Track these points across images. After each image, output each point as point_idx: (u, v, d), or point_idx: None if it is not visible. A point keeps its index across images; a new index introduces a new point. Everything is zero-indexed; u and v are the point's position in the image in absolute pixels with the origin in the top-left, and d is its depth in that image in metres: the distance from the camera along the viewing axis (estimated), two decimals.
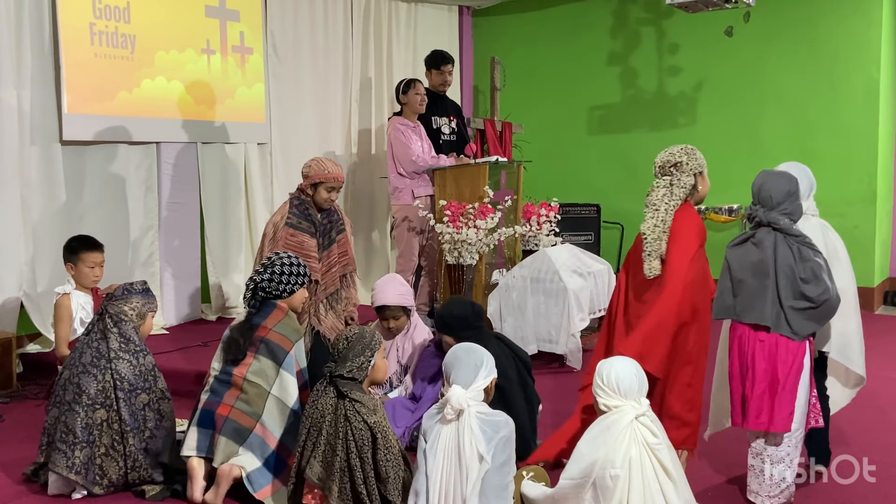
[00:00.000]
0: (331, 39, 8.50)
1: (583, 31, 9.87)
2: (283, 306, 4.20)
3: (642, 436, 3.32)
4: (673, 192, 4.15)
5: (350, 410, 3.57)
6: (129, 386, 4.12)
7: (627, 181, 9.60)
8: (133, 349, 4.20)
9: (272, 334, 4.08)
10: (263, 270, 4.21)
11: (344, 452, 3.55)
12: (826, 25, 8.70)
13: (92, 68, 6.29)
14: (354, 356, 3.68)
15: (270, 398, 4.01)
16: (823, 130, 8.73)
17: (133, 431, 4.10)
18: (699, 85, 9.33)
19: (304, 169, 5.09)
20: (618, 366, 3.45)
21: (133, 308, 4.27)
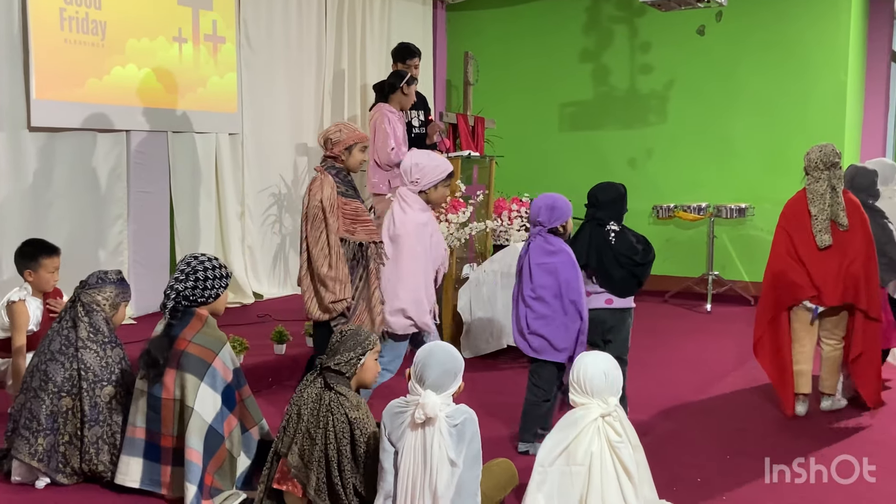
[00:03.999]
0: (304, 30, 8.47)
1: (556, 27, 9.90)
2: (201, 314, 4.00)
3: (606, 433, 3.39)
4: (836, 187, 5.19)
5: (334, 402, 3.55)
6: (93, 377, 4.09)
7: (598, 178, 9.48)
8: (101, 340, 4.17)
9: (192, 347, 3.91)
10: (185, 278, 3.98)
11: (322, 443, 3.53)
12: (796, 27, 8.80)
13: (61, 54, 6.21)
14: (345, 351, 3.64)
15: (193, 413, 3.84)
16: (792, 131, 8.83)
17: (91, 423, 4.05)
18: (670, 83, 9.40)
19: (332, 135, 4.77)
20: (590, 366, 3.49)
21: (106, 298, 4.24)
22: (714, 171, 9.12)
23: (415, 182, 4.89)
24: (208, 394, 3.88)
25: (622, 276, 4.76)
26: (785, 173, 8.69)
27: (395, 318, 4.80)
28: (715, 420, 5.33)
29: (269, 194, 8.20)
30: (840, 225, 5.12)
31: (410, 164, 4.92)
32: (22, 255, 4.83)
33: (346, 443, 3.52)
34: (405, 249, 4.79)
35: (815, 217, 5.15)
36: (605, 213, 4.87)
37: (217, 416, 3.89)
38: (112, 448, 4.08)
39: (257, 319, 7.03)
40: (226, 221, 7.80)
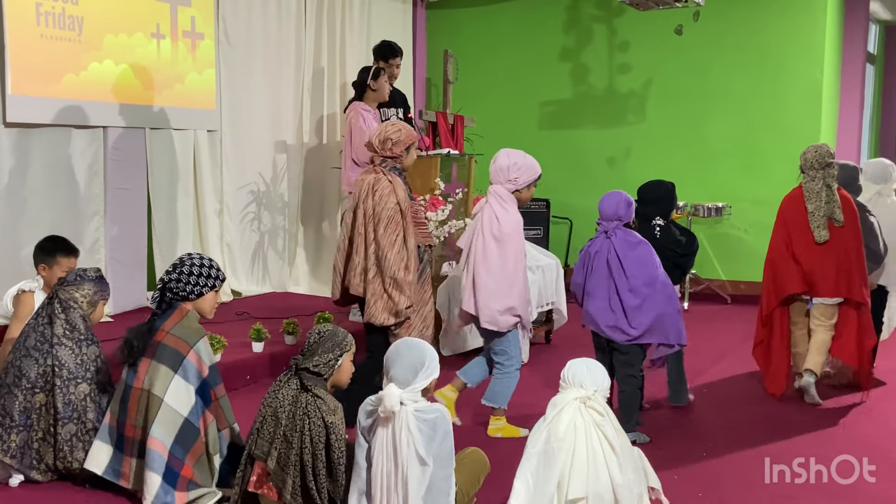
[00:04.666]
0: (284, 27, 8.44)
1: (535, 26, 9.93)
2: (184, 308, 3.99)
3: (589, 414, 3.46)
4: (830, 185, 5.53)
5: (311, 405, 3.51)
6: (67, 374, 4.07)
7: (577, 177, 9.70)
8: (77, 337, 4.15)
9: (168, 338, 3.90)
10: (172, 270, 4.01)
11: (298, 446, 3.50)
12: (773, 27, 8.87)
13: (37, 49, 6.16)
14: (323, 352, 3.60)
15: (163, 405, 3.82)
16: (767, 130, 8.91)
17: (65, 420, 4.03)
18: (649, 82, 9.45)
19: (393, 135, 4.73)
20: (575, 365, 3.61)
21: (84, 295, 4.22)
22: (691, 171, 9.17)
23: (512, 181, 4.90)
24: (181, 386, 3.86)
25: (667, 267, 5.02)
26: (761, 172, 8.78)
27: (504, 318, 4.80)
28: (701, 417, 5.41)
29: (247, 191, 8.18)
30: (836, 221, 5.47)
31: (509, 162, 4.91)
32: (41, 250, 4.84)
33: (321, 447, 3.50)
34: (512, 249, 4.81)
35: (812, 213, 5.50)
36: (651, 209, 5.34)
37: (193, 409, 3.87)
38: (86, 445, 4.05)
39: (235, 317, 7.00)
40: (204, 219, 7.76)
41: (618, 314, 4.80)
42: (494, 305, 4.77)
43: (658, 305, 4.79)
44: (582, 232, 9.40)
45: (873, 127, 12.31)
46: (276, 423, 3.54)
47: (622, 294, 4.78)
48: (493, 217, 4.82)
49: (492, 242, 4.79)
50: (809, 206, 5.52)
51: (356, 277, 4.65)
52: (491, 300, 4.78)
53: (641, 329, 4.77)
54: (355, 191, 4.82)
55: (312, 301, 7.92)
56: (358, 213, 4.69)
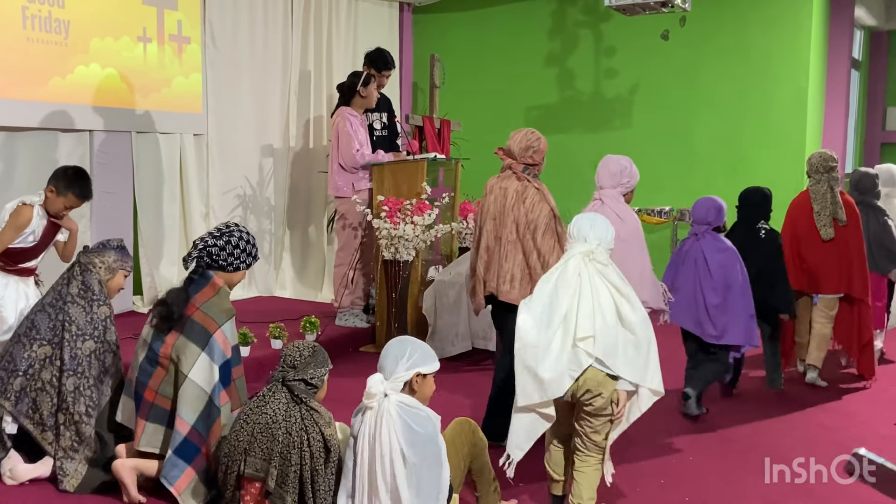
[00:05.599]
0: (270, 31, 8.44)
1: (522, 31, 9.95)
2: (217, 282, 3.97)
3: (593, 265, 3.71)
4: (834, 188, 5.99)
5: (308, 419, 3.49)
6: (77, 330, 4.16)
7: (563, 181, 9.68)
8: (90, 297, 4.23)
9: (198, 314, 3.90)
10: (220, 236, 3.96)
11: (298, 463, 3.47)
12: (758, 34, 8.92)
13: (24, 53, 6.15)
14: (317, 366, 3.58)
15: (187, 381, 3.84)
16: (753, 136, 8.95)
17: (70, 372, 4.12)
18: (635, 88, 9.48)
19: (534, 143, 4.80)
20: (581, 217, 3.90)
21: (103, 262, 4.30)
22: (677, 175, 9.21)
23: (624, 185, 5.15)
24: (206, 364, 3.86)
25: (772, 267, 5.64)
26: (746, 177, 8.78)
27: None
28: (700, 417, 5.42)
29: (233, 196, 8.16)
30: (840, 220, 5.94)
31: (620, 168, 5.18)
32: (63, 176, 4.76)
33: (321, 461, 3.48)
34: (637, 248, 5.02)
35: (818, 213, 5.97)
36: (755, 212, 5.81)
37: (215, 388, 3.86)
38: (88, 400, 4.14)
39: None
40: (190, 222, 7.75)
41: (700, 311, 5.29)
42: None
43: (736, 307, 5.24)
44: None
45: (858, 132, 12.39)
46: (272, 440, 3.47)
47: (705, 292, 5.27)
48: (618, 220, 4.92)
49: (626, 245, 4.88)
50: (815, 207, 5.97)
51: (506, 284, 4.64)
52: None
53: (720, 329, 5.25)
54: (492, 197, 4.78)
55: (298, 305, 7.91)
56: (507, 221, 4.66)
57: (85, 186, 4.80)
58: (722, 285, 5.25)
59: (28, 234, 4.74)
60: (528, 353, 3.63)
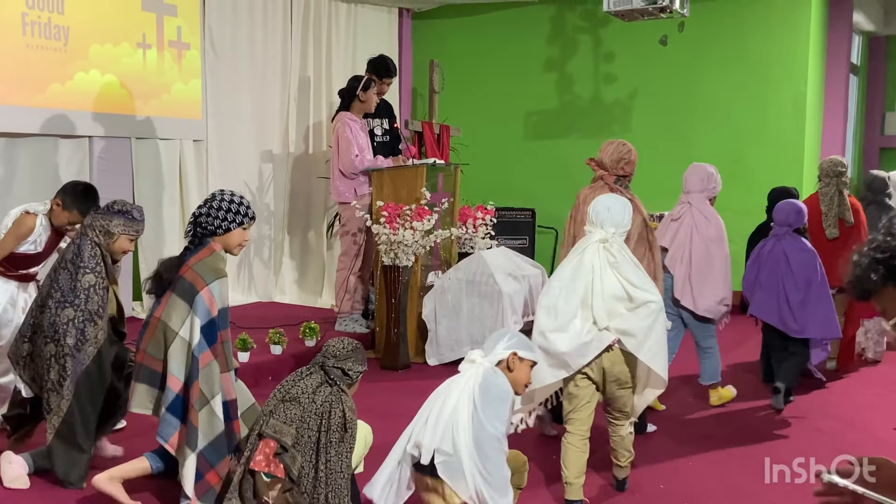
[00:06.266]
0: (270, 37, 8.45)
1: (521, 37, 9.97)
2: (213, 245, 3.98)
3: (604, 256, 4.01)
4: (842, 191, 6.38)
5: (335, 398, 3.61)
6: (60, 296, 4.17)
7: (562, 186, 9.70)
8: (78, 264, 4.20)
9: (188, 273, 3.91)
10: (204, 203, 4.01)
11: (317, 430, 3.58)
12: (757, 39, 8.94)
13: (23, 59, 6.16)
14: (356, 362, 3.71)
15: (177, 338, 3.86)
16: (753, 141, 8.96)
17: (46, 339, 4.16)
18: (633, 93, 9.50)
19: (626, 155, 4.92)
20: (598, 202, 4.15)
21: (103, 226, 4.26)
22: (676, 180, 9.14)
23: (710, 190, 5.62)
24: (188, 319, 3.87)
25: None
26: (746, 182, 8.82)
27: (720, 307, 5.50)
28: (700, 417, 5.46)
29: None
30: (846, 221, 6.32)
31: (707, 174, 5.63)
32: (72, 190, 4.74)
33: (337, 436, 3.58)
34: (722, 248, 5.50)
35: (826, 214, 6.35)
36: None
37: (197, 345, 3.85)
38: (60, 370, 4.13)
39: None
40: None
41: (782, 307, 5.62)
42: (715, 298, 5.46)
43: (816, 303, 5.59)
44: None
45: (857, 137, 12.40)
46: (297, 406, 3.61)
47: (788, 289, 5.61)
48: (704, 221, 5.48)
49: (711, 245, 5.47)
50: (823, 208, 6.36)
51: None
52: (712, 294, 5.46)
53: (801, 324, 5.59)
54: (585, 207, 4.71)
55: (298, 310, 7.91)
56: None
57: (92, 204, 4.76)
58: (803, 283, 5.59)
59: (30, 243, 4.73)
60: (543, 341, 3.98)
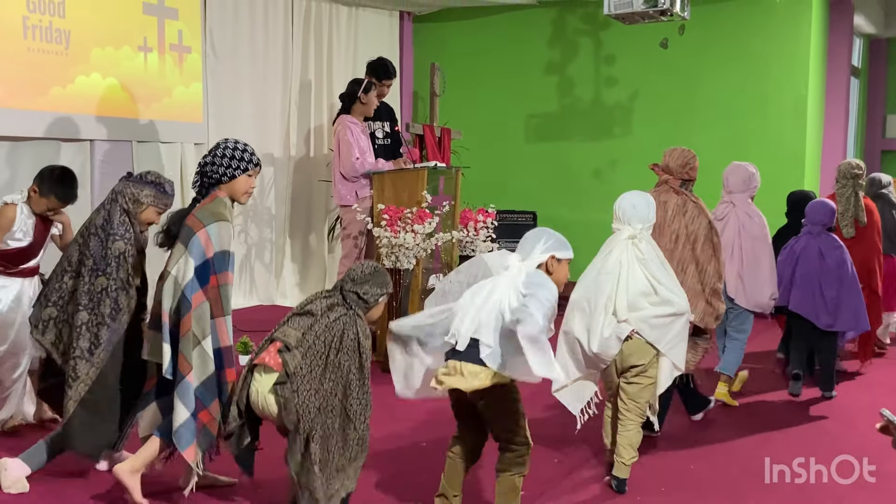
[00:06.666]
0: (271, 40, 8.46)
1: (522, 40, 9.97)
2: (217, 193, 3.99)
3: (633, 252, 4.21)
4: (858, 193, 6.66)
5: (350, 321, 3.66)
6: (93, 264, 4.14)
7: (563, 189, 9.73)
8: (108, 230, 4.17)
9: (190, 219, 3.92)
10: (208, 153, 4.01)
11: (325, 345, 3.63)
12: (758, 41, 8.94)
13: (24, 63, 6.17)
14: (374, 285, 3.77)
15: (169, 277, 3.87)
16: (754, 143, 8.95)
17: (80, 307, 4.10)
18: (634, 95, 9.50)
19: (691, 160, 5.27)
20: (624, 198, 4.38)
21: (133, 194, 4.24)
22: None
23: (752, 189, 5.89)
24: (182, 257, 3.86)
25: None
26: None
27: (769, 302, 5.69)
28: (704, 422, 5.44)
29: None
30: (860, 221, 6.62)
31: (749, 174, 5.90)
32: (49, 177, 4.70)
33: (348, 360, 3.62)
34: (768, 246, 5.69)
35: (842, 214, 6.62)
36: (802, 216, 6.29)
37: (188, 284, 3.83)
38: (92, 337, 4.09)
39: None
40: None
41: (817, 301, 5.90)
42: (766, 293, 5.65)
43: (847, 298, 5.90)
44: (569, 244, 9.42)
45: (858, 140, 12.39)
46: (311, 318, 3.68)
47: (823, 284, 5.91)
48: (749, 220, 5.68)
49: (757, 242, 5.65)
50: (839, 209, 6.59)
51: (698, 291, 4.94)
52: (763, 289, 5.65)
53: (834, 317, 5.90)
54: None
55: None
56: (666, 232, 4.96)
57: (68, 189, 4.72)
58: (837, 278, 5.90)
59: (17, 232, 4.69)
60: (572, 339, 4.20)
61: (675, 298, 4.19)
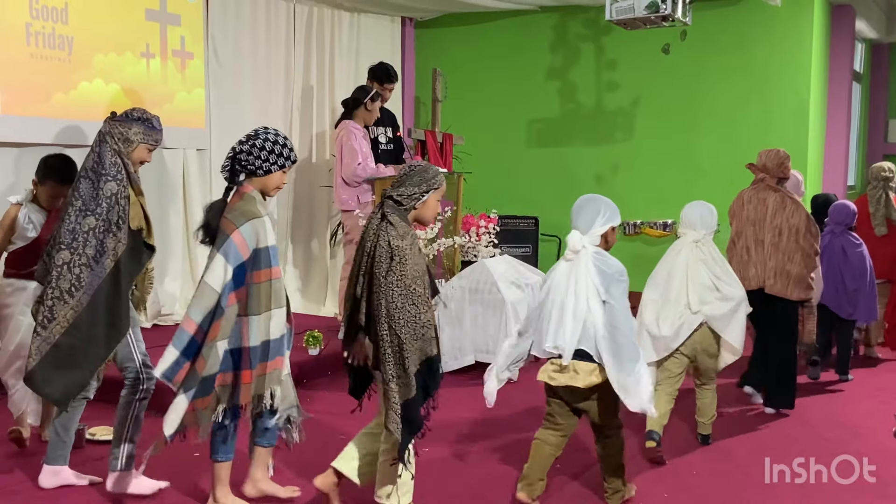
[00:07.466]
0: (273, 46, 8.47)
1: (524, 45, 9.98)
2: (244, 189, 3.86)
3: (697, 254, 4.94)
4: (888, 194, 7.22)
5: (382, 230, 3.66)
6: (81, 205, 4.02)
7: (565, 194, 9.64)
8: (99, 171, 4.06)
9: (223, 221, 3.80)
10: (247, 140, 3.87)
11: (357, 265, 3.70)
12: (759, 47, 8.95)
13: (27, 69, 6.18)
14: (411, 185, 3.75)
15: (202, 284, 3.74)
16: (755, 148, 8.82)
17: (62, 246, 3.99)
18: (636, 101, 9.50)
19: (784, 160, 5.75)
20: (689, 207, 5.10)
21: (122, 133, 4.14)
22: (679, 188, 9.21)
23: (801, 194, 6.44)
24: (220, 264, 3.73)
25: None
26: None
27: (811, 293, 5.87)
28: None
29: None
30: (893, 220, 7.14)
31: (798, 181, 6.41)
32: (43, 164, 4.68)
33: (383, 268, 3.61)
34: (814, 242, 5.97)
35: (874, 214, 7.19)
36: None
37: (225, 287, 3.72)
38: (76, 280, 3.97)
39: None
40: (193, 238, 7.74)
41: (840, 293, 6.55)
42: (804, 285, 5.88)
43: (866, 291, 6.61)
44: None
45: (860, 144, 12.41)
46: (361, 251, 3.72)
47: (846, 278, 6.55)
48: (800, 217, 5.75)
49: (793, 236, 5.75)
50: (871, 209, 7.19)
51: (770, 279, 5.62)
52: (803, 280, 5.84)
53: (854, 308, 6.60)
54: (751, 206, 5.74)
55: (302, 319, 7.89)
56: (768, 226, 5.66)
57: (63, 171, 4.63)
58: (859, 273, 6.57)
59: (24, 230, 4.62)
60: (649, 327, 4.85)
61: (734, 292, 4.94)
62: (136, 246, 4.11)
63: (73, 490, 4.20)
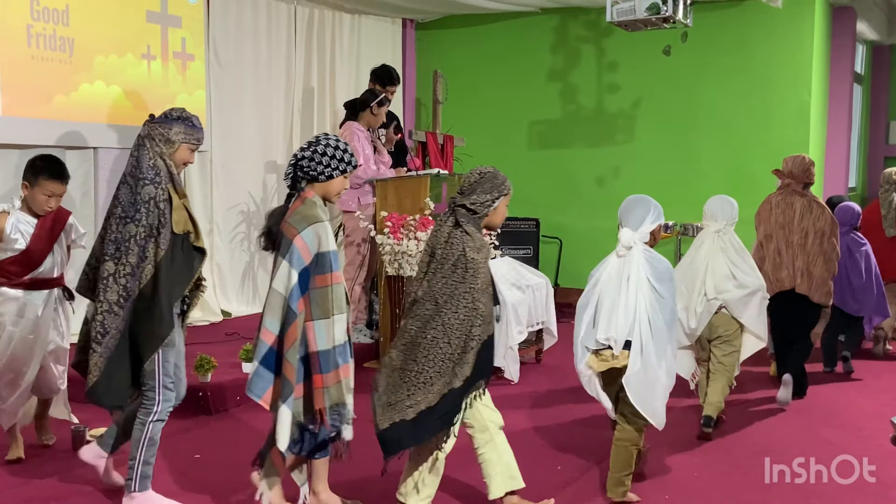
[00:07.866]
0: (274, 48, 8.48)
1: (525, 47, 9.98)
2: (305, 194, 3.84)
3: (718, 244, 5.31)
4: None
5: (457, 239, 3.71)
6: (121, 212, 3.95)
7: (566, 196, 9.73)
8: (137, 175, 3.98)
9: (285, 226, 3.79)
10: (308, 147, 3.86)
11: (422, 270, 3.79)
12: (760, 49, 8.94)
13: (28, 71, 6.18)
14: (482, 192, 3.80)
15: (271, 291, 3.73)
16: (756, 150, 8.95)
17: (107, 257, 3.94)
18: (637, 103, 9.50)
19: (809, 166, 5.96)
20: (714, 202, 5.44)
21: (163, 134, 4.06)
22: (680, 190, 9.20)
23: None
24: (286, 270, 3.72)
25: None
26: (749, 192, 8.76)
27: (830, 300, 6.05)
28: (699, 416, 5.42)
29: (237, 212, 8.19)
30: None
31: None
32: (30, 167, 4.54)
33: (449, 268, 3.70)
34: None
35: (885, 216, 7.48)
36: None
37: (292, 292, 3.71)
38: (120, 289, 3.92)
39: (225, 338, 6.99)
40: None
41: (846, 290, 6.81)
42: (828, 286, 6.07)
43: (872, 288, 6.90)
44: (571, 251, 9.42)
45: (861, 146, 12.39)
46: (432, 257, 3.76)
47: (851, 276, 6.85)
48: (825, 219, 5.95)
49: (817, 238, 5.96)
50: (883, 211, 7.49)
51: (798, 279, 5.86)
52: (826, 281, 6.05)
53: (860, 304, 6.93)
54: (779, 210, 5.95)
55: None
56: (795, 229, 5.90)
57: (54, 167, 4.53)
58: (864, 271, 6.87)
59: (13, 239, 4.47)
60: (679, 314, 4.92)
61: (750, 280, 5.26)
62: (182, 250, 4.05)
63: None
